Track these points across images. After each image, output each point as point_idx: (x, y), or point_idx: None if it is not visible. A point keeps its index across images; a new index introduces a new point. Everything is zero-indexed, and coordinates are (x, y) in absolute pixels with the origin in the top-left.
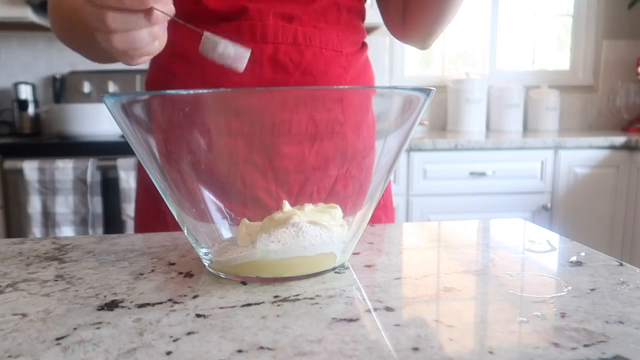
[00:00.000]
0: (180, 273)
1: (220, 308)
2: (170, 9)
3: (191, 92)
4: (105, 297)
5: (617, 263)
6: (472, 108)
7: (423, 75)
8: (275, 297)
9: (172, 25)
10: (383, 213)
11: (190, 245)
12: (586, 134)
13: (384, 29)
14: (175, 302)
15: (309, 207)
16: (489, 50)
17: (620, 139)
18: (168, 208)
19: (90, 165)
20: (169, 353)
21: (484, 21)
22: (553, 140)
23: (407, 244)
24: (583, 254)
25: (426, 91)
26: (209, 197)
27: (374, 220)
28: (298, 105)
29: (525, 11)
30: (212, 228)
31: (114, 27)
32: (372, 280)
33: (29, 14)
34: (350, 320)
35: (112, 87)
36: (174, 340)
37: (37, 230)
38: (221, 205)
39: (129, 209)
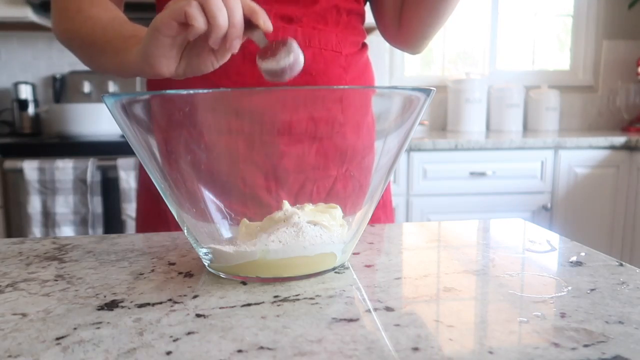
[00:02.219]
0: (180, 273)
1: (220, 308)
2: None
3: (191, 92)
4: (105, 297)
5: (617, 263)
6: (472, 108)
7: (423, 75)
8: (275, 297)
9: None
10: (382, 213)
11: (190, 245)
12: (586, 134)
13: None
14: (175, 302)
15: (309, 207)
16: (489, 50)
17: (620, 139)
18: (169, 208)
19: (90, 165)
20: (169, 353)
21: (484, 21)
22: (553, 140)
23: (407, 244)
24: (583, 254)
25: (426, 91)
26: (208, 196)
27: (373, 220)
28: (298, 105)
29: (525, 11)
30: (212, 228)
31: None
32: (372, 280)
33: (29, 14)
34: (350, 320)
35: (112, 87)
36: (174, 340)
37: (37, 230)
38: (221, 205)
39: (129, 209)
